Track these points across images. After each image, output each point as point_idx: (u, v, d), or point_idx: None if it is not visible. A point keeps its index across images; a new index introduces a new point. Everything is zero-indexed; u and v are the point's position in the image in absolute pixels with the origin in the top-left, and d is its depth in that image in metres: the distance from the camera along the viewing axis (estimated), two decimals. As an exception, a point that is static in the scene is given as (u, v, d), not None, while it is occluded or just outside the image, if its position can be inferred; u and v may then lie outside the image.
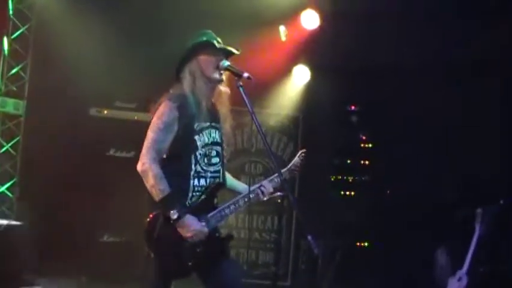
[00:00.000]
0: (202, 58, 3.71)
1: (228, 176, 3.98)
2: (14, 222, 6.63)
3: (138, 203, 3.81)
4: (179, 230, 3.51)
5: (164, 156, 3.64)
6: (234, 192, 3.89)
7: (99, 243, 7.09)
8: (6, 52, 7.44)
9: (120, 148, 6.99)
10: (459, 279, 5.75)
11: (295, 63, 7.85)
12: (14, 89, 7.57)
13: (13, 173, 7.58)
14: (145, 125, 3.72)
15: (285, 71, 7.80)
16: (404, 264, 7.32)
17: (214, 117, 3.81)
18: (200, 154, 3.68)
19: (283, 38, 7.46)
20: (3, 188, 7.50)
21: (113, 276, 6.53)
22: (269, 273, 7.63)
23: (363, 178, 7.91)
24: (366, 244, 7.86)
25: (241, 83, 3.59)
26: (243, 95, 3.57)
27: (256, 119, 3.54)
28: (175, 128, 3.61)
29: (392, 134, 7.68)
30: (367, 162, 7.94)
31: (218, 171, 3.78)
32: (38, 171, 7.35)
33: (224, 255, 3.73)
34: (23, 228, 6.60)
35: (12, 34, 7.41)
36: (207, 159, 3.71)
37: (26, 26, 7.47)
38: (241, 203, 3.76)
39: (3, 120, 7.53)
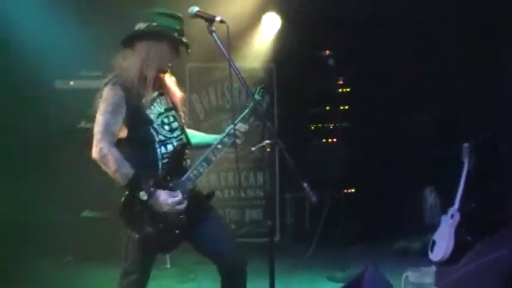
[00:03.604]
0: (164, 48, 3.56)
1: (197, 134, 3.89)
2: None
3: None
4: (155, 208, 3.36)
5: (124, 136, 3.47)
6: (207, 148, 3.73)
7: (80, 220, 6.89)
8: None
9: (91, 119, 6.68)
10: (452, 217, 5.66)
11: (264, 12, 7.55)
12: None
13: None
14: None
15: (254, 21, 7.51)
16: (394, 206, 7.26)
17: (160, 85, 3.67)
18: (158, 125, 3.53)
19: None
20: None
21: (99, 252, 6.32)
22: (256, 231, 7.55)
23: (343, 124, 7.73)
24: (353, 190, 7.75)
25: (213, 28, 3.37)
26: (217, 41, 3.35)
27: (234, 65, 3.34)
28: (124, 109, 3.42)
29: (369, 76, 7.50)
30: (346, 107, 7.75)
31: (181, 134, 3.65)
32: (8, 152, 7.08)
33: (206, 215, 3.60)
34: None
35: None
36: (168, 127, 3.58)
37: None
38: (211, 156, 3.60)
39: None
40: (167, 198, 3.38)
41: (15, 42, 6.83)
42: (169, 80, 3.75)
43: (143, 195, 3.31)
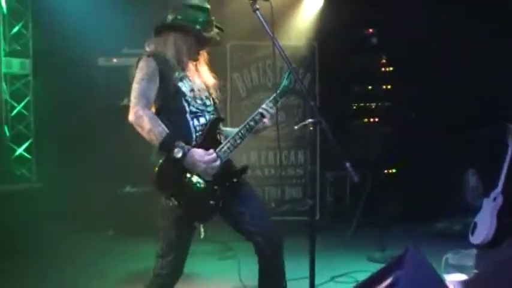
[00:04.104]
0: (190, 39, 3.63)
1: (227, 128, 3.86)
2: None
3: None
4: (189, 167, 3.37)
5: (156, 108, 3.53)
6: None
7: (122, 195, 7.02)
8: (5, 10, 7.21)
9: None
10: (494, 199, 5.56)
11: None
12: (18, 48, 7.39)
13: (28, 134, 7.49)
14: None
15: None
16: (435, 188, 7.17)
17: (192, 71, 3.72)
18: (190, 97, 3.56)
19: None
20: (20, 150, 7.42)
21: (139, 227, 6.44)
22: (295, 209, 7.56)
23: (385, 104, 7.65)
24: (394, 171, 7.68)
25: (257, 6, 3.36)
26: (261, 19, 3.35)
27: (278, 43, 3.33)
28: (157, 79, 3.48)
29: (412, 56, 7.37)
30: (389, 87, 7.65)
31: (214, 110, 3.68)
32: (53, 128, 7.25)
33: (243, 192, 3.61)
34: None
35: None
36: (200, 101, 3.61)
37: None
38: (244, 132, 3.59)
39: (11, 81, 7.39)
40: (203, 155, 3.40)
41: (60, 20, 6.94)
42: (203, 68, 3.78)
43: (177, 152, 3.32)
